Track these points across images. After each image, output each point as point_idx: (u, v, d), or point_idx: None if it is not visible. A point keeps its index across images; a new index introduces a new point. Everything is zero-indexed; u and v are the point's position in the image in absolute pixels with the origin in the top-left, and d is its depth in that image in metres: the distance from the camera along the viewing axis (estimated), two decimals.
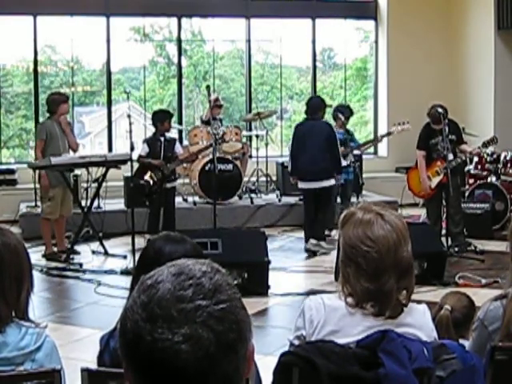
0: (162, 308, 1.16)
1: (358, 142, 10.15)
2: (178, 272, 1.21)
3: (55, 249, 8.51)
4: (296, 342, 2.40)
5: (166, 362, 1.14)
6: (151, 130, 9.54)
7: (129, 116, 8.05)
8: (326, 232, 9.48)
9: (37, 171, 8.42)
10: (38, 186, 8.72)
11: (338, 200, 9.70)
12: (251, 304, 5.91)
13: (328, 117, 9.64)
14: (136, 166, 8.78)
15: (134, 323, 1.17)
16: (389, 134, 10.40)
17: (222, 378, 1.17)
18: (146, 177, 8.92)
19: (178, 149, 9.26)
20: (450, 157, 8.46)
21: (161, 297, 1.18)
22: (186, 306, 1.16)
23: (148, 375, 1.17)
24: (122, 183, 10.04)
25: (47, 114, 8.52)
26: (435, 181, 8.52)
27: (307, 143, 8.51)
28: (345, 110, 9.78)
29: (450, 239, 8.30)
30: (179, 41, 12.27)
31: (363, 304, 2.31)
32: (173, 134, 11.63)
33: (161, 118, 9.06)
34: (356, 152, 9.80)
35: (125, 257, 8.20)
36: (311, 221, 8.76)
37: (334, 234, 9.40)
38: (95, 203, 9.02)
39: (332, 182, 8.61)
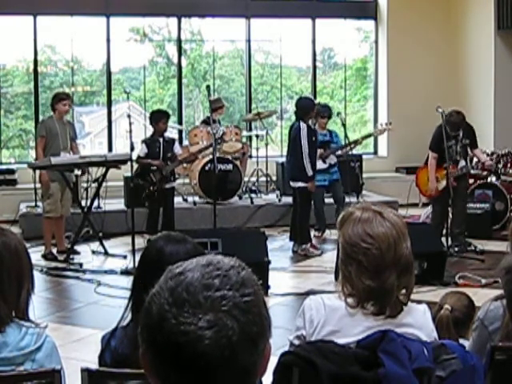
0: (190, 293, 1.18)
1: (341, 142, 9.68)
2: (206, 263, 1.24)
3: (54, 250, 8.52)
4: (296, 342, 2.40)
5: (188, 347, 1.15)
6: (151, 130, 9.55)
7: (129, 116, 8.06)
8: (317, 233, 9.44)
9: (37, 170, 8.44)
10: (38, 185, 8.73)
11: (331, 201, 9.59)
12: None
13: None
14: (135, 166, 8.79)
15: (160, 306, 1.19)
16: (370, 135, 10.40)
17: (240, 369, 1.19)
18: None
19: (177, 149, 9.26)
20: (463, 163, 8.43)
21: (189, 283, 1.20)
22: (212, 294, 1.18)
23: (167, 359, 1.18)
24: (122, 183, 10.04)
25: (47, 114, 8.55)
26: (443, 183, 8.48)
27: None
28: (323, 110, 9.46)
29: (450, 239, 8.29)
30: (179, 41, 12.28)
31: (364, 303, 2.31)
32: (173, 133, 11.64)
33: (156, 119, 9.08)
34: (338, 153, 9.49)
35: (125, 257, 8.20)
36: (292, 222, 8.96)
37: (328, 234, 9.41)
38: (95, 203, 9.03)
39: (298, 184, 8.52)
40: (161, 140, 9.05)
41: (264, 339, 1.22)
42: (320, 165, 9.12)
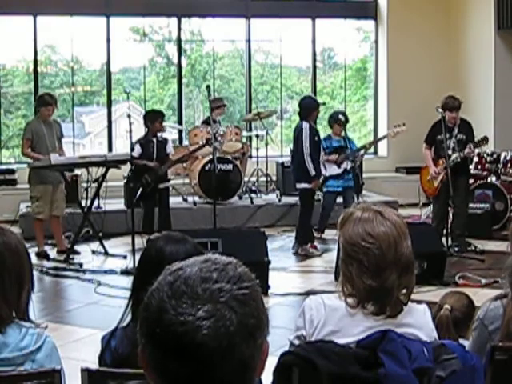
0: (188, 286, 1.21)
1: (356, 147, 9.58)
2: (204, 259, 1.27)
3: (54, 250, 8.51)
4: (296, 342, 2.40)
5: (187, 337, 1.17)
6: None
7: (129, 116, 8.06)
8: (316, 233, 9.42)
9: (27, 172, 8.42)
10: (27, 186, 8.70)
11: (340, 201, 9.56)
12: None
13: (322, 121, 9.45)
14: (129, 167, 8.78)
15: (159, 300, 1.21)
16: (384, 137, 10.38)
17: (238, 361, 1.20)
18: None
19: (170, 149, 9.25)
20: (454, 156, 8.40)
21: (187, 276, 1.23)
22: (210, 286, 1.21)
23: (166, 351, 1.19)
24: (121, 183, 10.04)
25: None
26: (438, 179, 8.47)
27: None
28: (338, 117, 9.27)
29: (450, 239, 8.29)
30: (179, 41, 12.28)
31: (364, 303, 2.31)
32: (173, 134, 11.63)
33: (151, 119, 9.07)
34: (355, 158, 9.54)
35: (125, 257, 8.20)
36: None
37: (329, 234, 9.39)
38: (95, 203, 9.02)
39: (302, 185, 8.51)
40: (154, 140, 9.05)
41: (261, 334, 1.23)
42: (335, 170, 9.18)
